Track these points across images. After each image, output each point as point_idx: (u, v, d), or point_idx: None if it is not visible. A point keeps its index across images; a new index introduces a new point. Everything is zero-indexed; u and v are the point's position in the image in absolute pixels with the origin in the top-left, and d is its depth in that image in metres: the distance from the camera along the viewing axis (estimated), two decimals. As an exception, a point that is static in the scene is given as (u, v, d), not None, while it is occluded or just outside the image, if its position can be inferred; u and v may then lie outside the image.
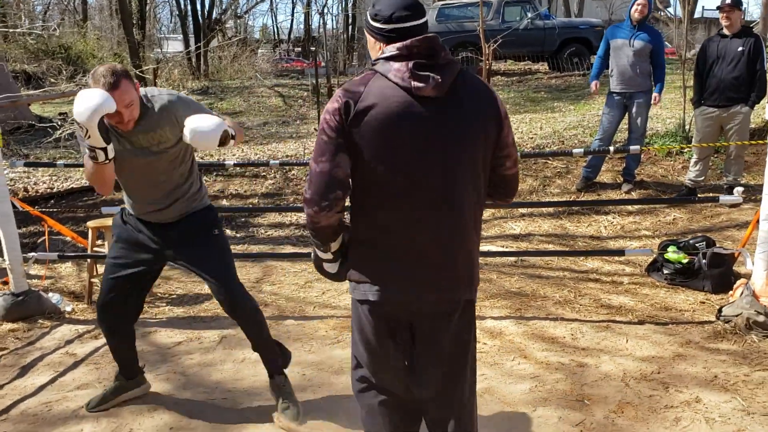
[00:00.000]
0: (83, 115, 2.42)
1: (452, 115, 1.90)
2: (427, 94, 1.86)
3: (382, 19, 1.92)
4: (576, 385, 3.25)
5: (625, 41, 6.18)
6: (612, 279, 4.82)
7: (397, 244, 1.95)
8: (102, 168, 2.63)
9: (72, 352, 3.87)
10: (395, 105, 1.85)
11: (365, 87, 1.87)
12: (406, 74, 1.85)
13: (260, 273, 5.32)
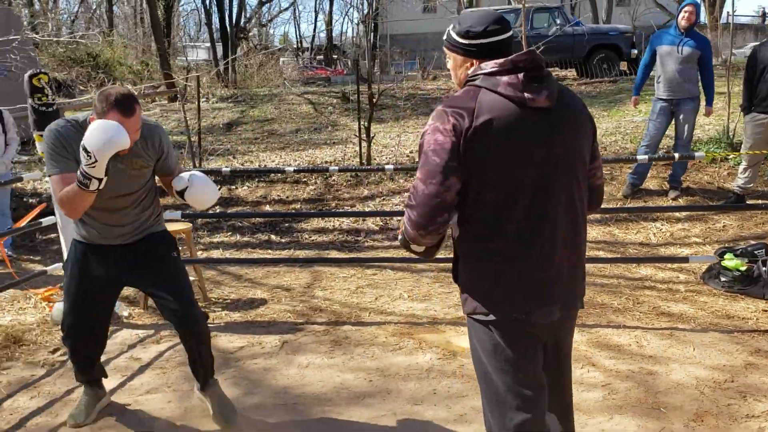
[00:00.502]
0: (99, 148, 2.37)
1: (563, 125, 1.90)
2: (541, 105, 1.85)
3: (475, 35, 1.91)
4: (649, 393, 3.22)
5: (673, 48, 6.14)
6: (668, 287, 4.77)
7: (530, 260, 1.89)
8: (86, 195, 2.54)
9: (136, 357, 3.89)
10: (511, 118, 1.82)
11: (475, 102, 1.83)
12: (519, 87, 1.83)
13: (310, 278, 5.33)
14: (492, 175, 1.83)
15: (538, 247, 1.88)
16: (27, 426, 3.16)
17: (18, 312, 4.79)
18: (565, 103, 1.92)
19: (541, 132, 1.85)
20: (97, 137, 2.37)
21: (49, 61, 18.43)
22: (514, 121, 1.82)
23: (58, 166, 2.65)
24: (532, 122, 1.84)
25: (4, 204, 6.12)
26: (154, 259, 2.93)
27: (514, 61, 1.85)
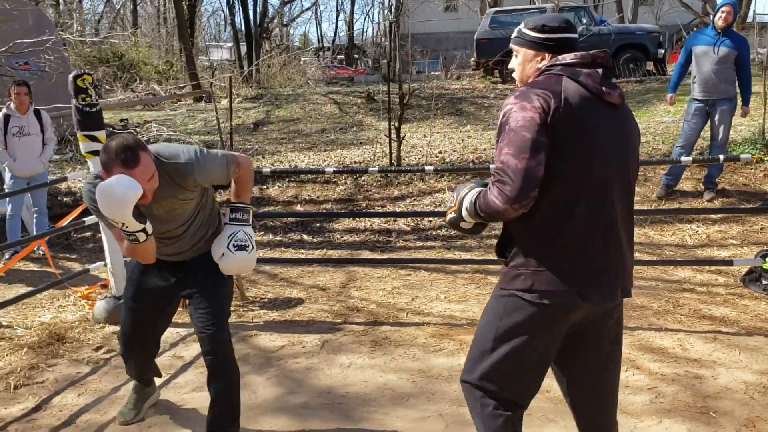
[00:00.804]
0: (117, 212, 2.32)
1: (627, 123, 2.06)
2: (614, 101, 1.98)
3: (550, 30, 2.03)
4: (698, 397, 3.19)
5: (709, 48, 6.08)
6: (707, 289, 4.72)
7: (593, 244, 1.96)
8: (144, 246, 2.52)
9: (179, 355, 3.93)
10: (591, 107, 1.93)
11: (561, 86, 1.93)
12: (597, 80, 1.94)
13: (344, 278, 5.34)
14: (567, 157, 1.91)
15: (601, 233, 1.97)
16: (77, 423, 3.20)
17: (58, 310, 4.85)
18: (625, 105, 2.06)
19: (612, 125, 1.97)
20: (107, 204, 2.31)
21: (75, 61, 18.62)
22: (592, 111, 1.93)
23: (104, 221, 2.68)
24: (605, 115, 1.96)
25: (42, 203, 6.21)
26: (203, 276, 2.83)
27: (594, 55, 1.97)
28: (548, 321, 2.01)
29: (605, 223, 1.97)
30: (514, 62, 2.12)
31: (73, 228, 5.31)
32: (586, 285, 1.96)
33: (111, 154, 2.37)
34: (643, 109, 11.06)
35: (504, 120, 1.94)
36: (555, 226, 1.95)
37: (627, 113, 2.05)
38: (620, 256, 2.02)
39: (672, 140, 7.76)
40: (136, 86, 17.61)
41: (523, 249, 2.01)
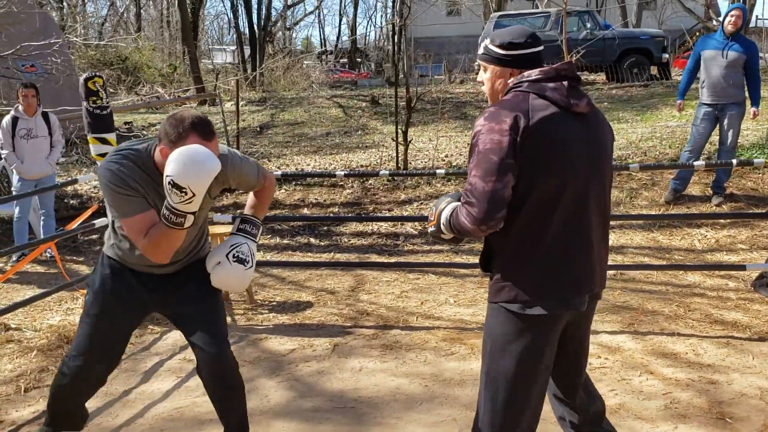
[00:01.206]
0: (195, 181, 2.08)
1: (599, 130, 2.10)
2: (582, 110, 2.02)
3: (516, 46, 2.08)
4: (713, 403, 3.17)
5: (718, 52, 6.07)
6: (718, 294, 4.71)
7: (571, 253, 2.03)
8: (179, 234, 2.26)
9: (189, 359, 3.91)
10: (559, 120, 1.97)
11: (528, 104, 1.97)
12: (563, 92, 1.99)
13: (353, 282, 5.33)
14: (542, 172, 1.95)
15: (578, 241, 2.04)
16: (88, 426, 3.17)
17: (66, 312, 4.84)
18: (595, 111, 2.10)
19: (582, 134, 2.02)
20: (191, 169, 2.06)
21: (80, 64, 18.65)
22: (561, 123, 1.98)
23: (129, 207, 2.26)
24: (574, 126, 2.00)
25: (50, 205, 6.21)
26: (194, 289, 2.58)
27: (557, 69, 2.03)
28: (535, 330, 2.05)
29: (581, 231, 2.04)
30: (483, 76, 2.17)
31: (80, 231, 5.30)
32: (567, 293, 2.03)
33: (186, 123, 2.18)
34: (648, 113, 11.06)
35: (474, 141, 1.98)
36: (533, 239, 2.00)
37: (598, 120, 2.10)
38: (597, 262, 2.10)
39: (678, 144, 7.75)
40: (140, 89, 17.65)
41: (505, 262, 2.06)
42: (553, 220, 1.99)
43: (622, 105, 12.37)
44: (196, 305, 2.56)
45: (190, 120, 2.19)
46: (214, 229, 4.81)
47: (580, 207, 2.02)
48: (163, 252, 2.30)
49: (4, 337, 4.31)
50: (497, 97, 2.12)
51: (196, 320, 2.55)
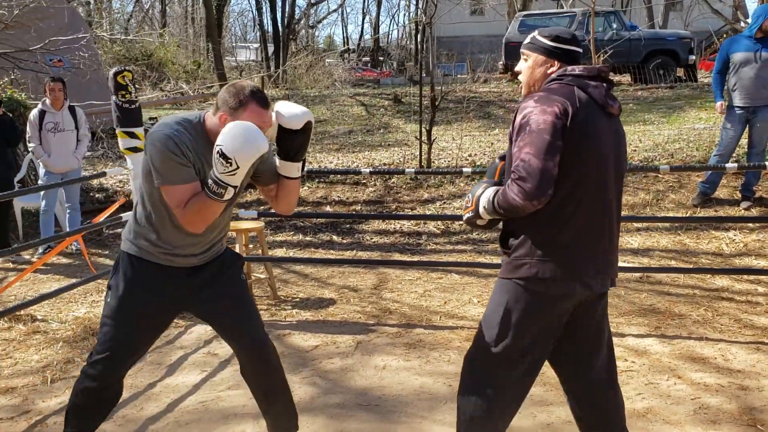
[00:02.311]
0: (244, 154, 2.12)
1: (620, 133, 2.27)
2: (614, 112, 2.21)
3: (564, 41, 2.23)
4: (744, 409, 3.12)
5: (750, 54, 5.96)
6: (747, 299, 4.63)
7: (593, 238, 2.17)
8: (217, 206, 2.27)
9: (214, 353, 3.93)
10: (596, 116, 2.14)
11: (575, 95, 2.12)
12: (603, 93, 2.16)
13: (375, 280, 5.32)
14: (577, 159, 2.09)
15: (601, 228, 2.18)
16: (114, 418, 3.20)
17: (92, 305, 4.89)
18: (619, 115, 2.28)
19: (612, 134, 2.19)
20: (241, 142, 2.11)
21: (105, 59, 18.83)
22: (598, 120, 2.14)
23: (178, 175, 2.25)
24: (606, 124, 2.17)
25: (76, 198, 6.27)
26: (223, 284, 2.55)
27: (599, 69, 2.20)
28: (550, 308, 2.18)
29: (604, 219, 2.18)
30: (522, 65, 2.31)
31: (108, 224, 5.34)
32: (589, 275, 2.16)
33: (246, 91, 2.25)
34: (674, 115, 10.93)
35: (524, 121, 2.09)
36: (562, 221, 2.12)
37: (619, 123, 2.27)
38: (614, 249, 2.25)
39: (706, 147, 7.64)
40: (164, 85, 17.80)
41: (530, 240, 2.16)
42: (581, 204, 2.12)
43: (647, 106, 12.24)
44: (228, 302, 2.52)
45: (250, 89, 2.28)
46: (238, 225, 4.82)
47: (604, 195, 2.17)
48: (200, 221, 2.29)
49: (30, 328, 4.36)
50: (535, 85, 2.26)
51: (231, 318, 2.52)
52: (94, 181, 7.82)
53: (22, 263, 5.98)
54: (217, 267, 2.55)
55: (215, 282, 2.53)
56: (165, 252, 2.42)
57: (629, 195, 6.61)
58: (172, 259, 2.44)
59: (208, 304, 2.53)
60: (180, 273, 2.47)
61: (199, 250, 2.47)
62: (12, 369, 3.77)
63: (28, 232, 6.84)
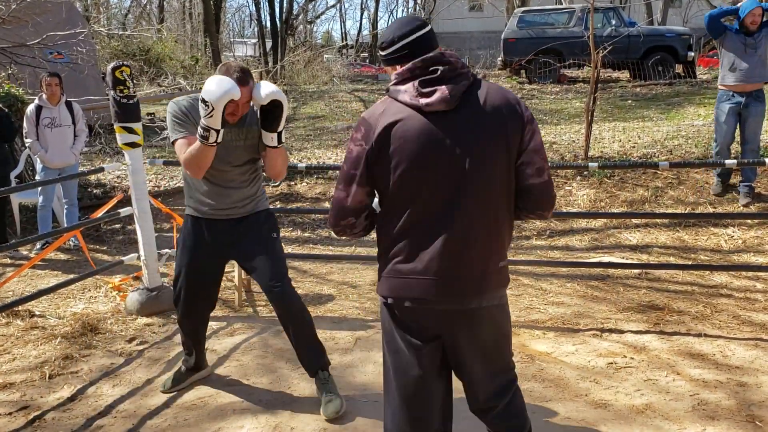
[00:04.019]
0: (215, 95, 2.66)
1: (464, 126, 1.91)
2: (437, 108, 1.90)
3: (386, 44, 2.00)
4: (742, 405, 3.12)
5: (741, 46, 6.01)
6: (745, 295, 4.63)
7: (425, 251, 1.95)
8: (207, 150, 2.82)
9: (212, 349, 3.92)
10: (409, 125, 1.90)
11: (381, 112, 1.94)
12: (414, 93, 1.91)
13: (374, 276, 5.31)
14: (391, 180, 1.92)
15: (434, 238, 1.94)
16: (113, 413, 3.20)
17: (90, 301, 4.88)
18: (477, 103, 1.93)
19: (437, 136, 1.90)
20: (214, 88, 2.66)
21: (103, 54, 18.77)
22: (412, 128, 1.89)
23: (181, 131, 2.92)
24: (429, 127, 1.90)
25: (73, 194, 6.24)
26: (256, 236, 3.12)
27: (410, 68, 1.94)
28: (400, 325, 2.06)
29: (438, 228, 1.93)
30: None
31: (105, 220, 5.33)
32: (420, 288, 1.96)
33: (231, 69, 2.79)
34: (673, 111, 10.94)
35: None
36: (389, 236, 1.99)
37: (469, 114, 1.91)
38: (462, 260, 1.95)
39: (705, 143, 7.63)
40: (162, 80, 17.74)
41: (378, 255, 2.09)
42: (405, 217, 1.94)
43: (646, 103, 12.25)
44: (260, 248, 3.09)
45: (235, 67, 2.82)
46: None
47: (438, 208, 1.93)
48: (195, 165, 2.86)
49: (28, 323, 4.35)
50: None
51: (259, 262, 3.08)
52: (91, 176, 7.80)
53: (19, 259, 5.97)
54: (254, 221, 3.14)
55: (250, 233, 3.12)
56: (207, 208, 3.10)
57: (628, 191, 6.61)
58: (213, 214, 3.10)
59: (243, 251, 3.13)
60: (222, 225, 3.11)
61: (231, 205, 3.09)
62: (10, 365, 3.76)
63: (26, 227, 6.83)
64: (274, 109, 2.84)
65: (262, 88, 2.80)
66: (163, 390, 3.38)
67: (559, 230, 6.24)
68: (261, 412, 3.17)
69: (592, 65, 6.91)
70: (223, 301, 4.75)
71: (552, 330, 4.09)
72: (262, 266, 3.08)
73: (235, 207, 3.11)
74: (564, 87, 14.43)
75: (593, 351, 3.75)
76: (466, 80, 1.93)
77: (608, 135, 8.50)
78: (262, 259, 3.08)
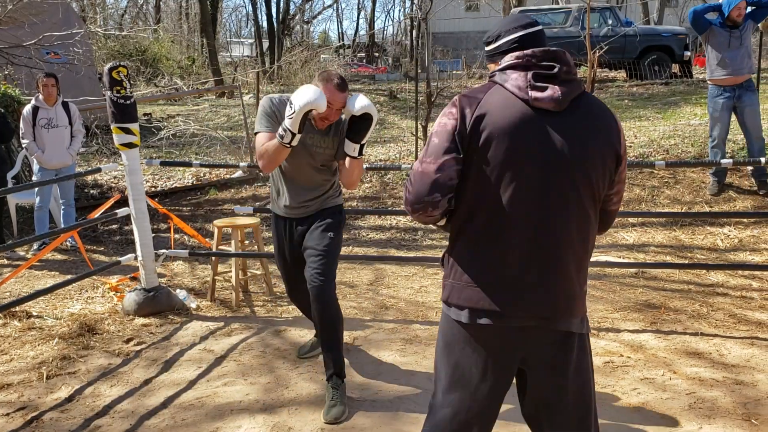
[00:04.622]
0: (301, 101, 2.85)
1: (573, 132, 1.78)
2: (545, 106, 1.76)
3: (492, 38, 1.90)
4: (738, 404, 3.13)
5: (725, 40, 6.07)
6: (741, 294, 4.65)
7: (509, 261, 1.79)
8: (281, 150, 3.02)
9: (209, 349, 3.92)
10: (511, 115, 1.75)
11: (484, 95, 1.79)
12: (525, 84, 1.77)
13: (372, 276, 5.32)
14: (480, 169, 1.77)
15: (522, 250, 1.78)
16: (110, 413, 3.20)
17: (87, 301, 4.87)
18: (585, 114, 1.81)
19: (540, 134, 1.76)
20: (301, 94, 2.87)
21: (99, 55, 18.75)
22: (512, 119, 1.75)
23: (266, 125, 3.11)
24: (533, 123, 1.76)
25: (70, 195, 6.24)
26: (316, 231, 3.29)
27: (529, 55, 1.80)
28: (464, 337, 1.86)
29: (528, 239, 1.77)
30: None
31: (102, 220, 5.33)
32: (495, 302, 1.79)
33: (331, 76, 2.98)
34: (669, 111, 10.96)
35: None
36: (468, 236, 1.83)
37: (575, 120, 1.79)
38: (549, 277, 1.78)
39: (701, 143, 7.66)
40: (158, 81, 17.72)
41: (448, 258, 1.92)
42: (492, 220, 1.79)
43: (642, 102, 12.27)
44: (316, 243, 3.24)
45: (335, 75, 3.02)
46: (234, 221, 4.82)
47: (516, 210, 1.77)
48: (268, 158, 3.07)
49: (26, 324, 4.35)
50: None
51: (309, 255, 3.23)
52: (88, 177, 7.80)
53: (16, 259, 5.96)
54: (319, 219, 3.31)
55: (313, 229, 3.30)
56: (284, 207, 3.32)
57: (624, 191, 6.63)
58: (288, 212, 3.33)
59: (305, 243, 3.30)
60: (294, 222, 3.33)
61: (302, 205, 3.29)
62: (7, 365, 3.76)
63: (23, 228, 6.83)
64: (364, 122, 3.00)
65: (358, 100, 2.97)
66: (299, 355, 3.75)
67: (556, 230, 6.26)
68: (259, 411, 3.17)
69: (589, 65, 6.93)
70: (221, 301, 4.76)
71: (549, 329, 4.10)
72: (310, 260, 3.22)
73: (305, 206, 3.31)
74: (561, 87, 14.45)
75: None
76: (579, 87, 1.82)
77: (605, 134, 8.52)
78: (313, 253, 3.23)
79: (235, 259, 4.71)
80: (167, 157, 8.81)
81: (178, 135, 9.32)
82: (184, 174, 8.25)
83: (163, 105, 14.85)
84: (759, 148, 6.04)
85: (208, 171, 8.13)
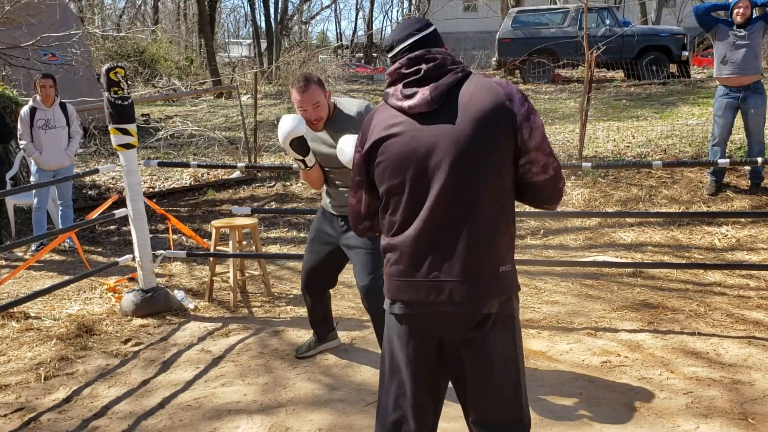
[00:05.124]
0: (282, 137, 3.03)
1: (446, 123, 1.84)
2: (420, 110, 1.85)
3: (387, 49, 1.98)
4: (735, 403, 3.14)
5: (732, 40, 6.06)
6: (739, 293, 4.66)
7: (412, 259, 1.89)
8: (307, 174, 3.27)
9: (207, 349, 3.93)
10: (397, 128, 1.88)
11: (373, 117, 1.97)
12: (399, 95, 1.88)
13: (370, 276, 5.32)
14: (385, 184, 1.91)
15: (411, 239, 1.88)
16: (108, 414, 3.21)
17: (85, 302, 4.88)
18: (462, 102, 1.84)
19: (420, 137, 1.85)
20: (280, 129, 3.03)
21: (97, 55, 18.74)
22: (397, 131, 1.87)
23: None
24: (414, 128, 1.86)
25: (68, 196, 6.24)
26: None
27: (397, 70, 1.91)
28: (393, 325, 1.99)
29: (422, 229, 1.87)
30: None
31: (100, 221, 5.33)
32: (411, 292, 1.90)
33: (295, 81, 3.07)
34: (667, 111, 10.97)
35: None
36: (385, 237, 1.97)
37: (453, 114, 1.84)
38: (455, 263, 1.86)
39: (699, 143, 7.67)
40: (156, 81, 17.71)
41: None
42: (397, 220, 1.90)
43: (640, 102, 12.28)
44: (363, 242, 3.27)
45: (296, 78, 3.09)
46: (232, 221, 4.83)
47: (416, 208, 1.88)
48: (307, 181, 3.39)
49: (24, 325, 4.35)
50: None
51: (356, 256, 3.32)
52: (86, 178, 7.80)
53: (14, 260, 5.96)
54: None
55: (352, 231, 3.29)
56: (329, 204, 3.41)
57: (622, 191, 6.64)
58: (332, 209, 3.41)
59: (347, 242, 3.36)
60: (336, 218, 3.40)
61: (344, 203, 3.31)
62: (5, 366, 3.76)
63: (21, 229, 6.82)
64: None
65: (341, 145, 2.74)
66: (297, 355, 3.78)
67: (553, 229, 6.26)
68: (257, 412, 3.17)
69: (586, 65, 6.93)
70: (219, 302, 4.76)
71: (546, 329, 4.11)
72: (360, 257, 3.31)
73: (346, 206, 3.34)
74: (558, 87, 14.46)
75: (588, 350, 3.77)
76: (453, 77, 1.86)
77: (602, 134, 8.54)
78: (361, 252, 3.30)
79: (233, 260, 4.72)
80: (165, 157, 8.81)
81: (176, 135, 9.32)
82: (182, 174, 8.25)
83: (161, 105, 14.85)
84: (758, 151, 6.05)
85: (206, 171, 8.13)
